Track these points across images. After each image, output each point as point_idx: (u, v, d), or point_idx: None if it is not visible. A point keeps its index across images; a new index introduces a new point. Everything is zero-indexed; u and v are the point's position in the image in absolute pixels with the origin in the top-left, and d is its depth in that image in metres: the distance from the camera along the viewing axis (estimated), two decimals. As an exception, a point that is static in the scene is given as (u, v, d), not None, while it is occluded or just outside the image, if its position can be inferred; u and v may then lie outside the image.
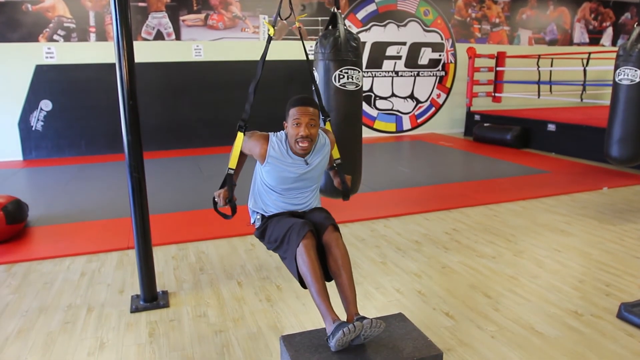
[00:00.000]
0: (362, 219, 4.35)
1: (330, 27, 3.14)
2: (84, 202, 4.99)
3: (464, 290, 2.99)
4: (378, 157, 7.35)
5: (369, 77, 9.11)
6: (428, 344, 1.98)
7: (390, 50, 9.17)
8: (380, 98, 9.30)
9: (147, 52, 7.54)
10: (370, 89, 9.18)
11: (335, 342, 1.85)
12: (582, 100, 7.87)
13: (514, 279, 3.14)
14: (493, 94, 9.61)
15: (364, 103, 8.93)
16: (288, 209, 2.26)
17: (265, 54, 2.33)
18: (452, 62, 9.70)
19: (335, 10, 3.07)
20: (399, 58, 9.26)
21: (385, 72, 9.22)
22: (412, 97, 9.54)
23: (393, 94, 9.39)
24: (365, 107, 9.05)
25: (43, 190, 5.49)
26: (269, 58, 2.43)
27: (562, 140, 7.44)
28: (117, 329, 2.60)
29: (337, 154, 2.45)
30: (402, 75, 9.36)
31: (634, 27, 4.19)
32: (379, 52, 9.09)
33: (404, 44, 9.24)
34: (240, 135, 2.23)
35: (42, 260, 3.51)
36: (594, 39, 11.07)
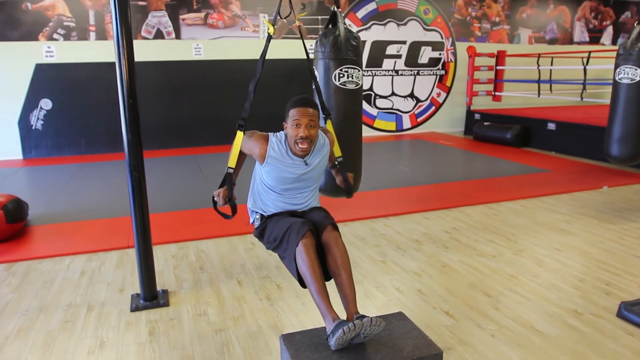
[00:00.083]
0: (362, 218, 4.35)
1: (330, 25, 3.14)
2: (84, 201, 4.99)
3: (464, 289, 2.99)
4: (378, 156, 7.35)
5: (369, 76, 9.10)
6: (428, 343, 1.98)
7: (390, 49, 9.17)
8: (380, 97, 9.30)
9: (147, 51, 7.54)
10: (370, 88, 9.18)
11: (335, 340, 1.85)
12: (582, 99, 7.87)
13: (514, 278, 3.14)
14: (493, 93, 9.61)
15: (364, 102, 8.92)
16: (287, 209, 2.26)
17: (265, 53, 2.32)
18: (452, 60, 9.69)
19: (335, 9, 3.06)
20: (399, 57, 9.26)
21: (385, 71, 9.22)
22: (412, 96, 9.54)
23: (393, 93, 9.39)
24: (365, 106, 9.05)
25: (43, 189, 5.49)
26: (269, 57, 2.43)
27: (562, 139, 7.44)
28: (117, 328, 2.60)
29: (338, 152, 2.45)
30: (402, 74, 9.35)
31: (634, 25, 4.19)
32: (379, 50, 9.09)
33: (404, 43, 9.24)
34: (240, 134, 2.22)
35: (42, 259, 3.51)
36: (594, 38, 11.06)
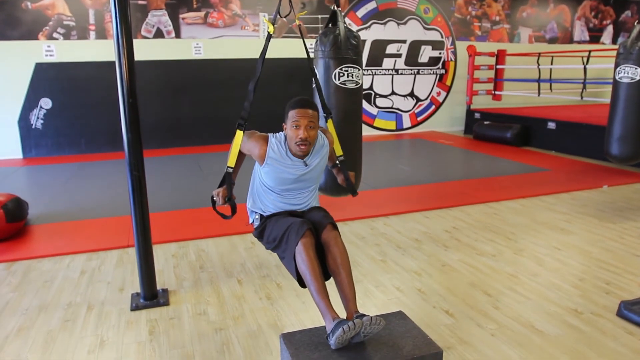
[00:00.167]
0: (361, 217, 4.35)
1: (330, 25, 3.14)
2: (84, 200, 4.99)
3: (464, 289, 2.99)
4: (378, 155, 7.34)
5: (369, 75, 9.10)
6: (428, 342, 1.98)
7: (390, 48, 9.16)
8: (380, 96, 9.29)
9: (146, 50, 7.54)
10: (370, 87, 9.17)
11: (335, 339, 1.85)
12: (582, 99, 7.86)
13: (514, 277, 3.15)
14: (493, 92, 9.61)
15: (364, 101, 8.92)
16: (287, 209, 2.26)
17: (265, 52, 2.32)
18: (452, 60, 9.69)
19: (335, 8, 3.06)
20: (399, 56, 9.25)
21: (385, 70, 9.21)
22: (412, 95, 9.53)
23: (393, 92, 9.38)
24: (365, 105, 9.04)
25: (43, 189, 5.49)
26: (269, 56, 2.42)
27: (562, 138, 7.44)
28: (117, 327, 2.60)
29: (339, 151, 2.45)
30: (402, 73, 9.35)
31: (634, 25, 4.18)
32: (379, 50, 9.08)
33: (404, 42, 9.23)
34: (240, 134, 2.22)
35: (42, 259, 3.51)
36: (594, 37, 11.06)
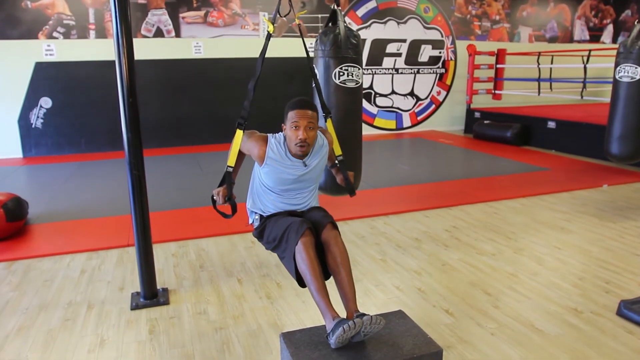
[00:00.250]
0: (361, 217, 4.35)
1: (330, 24, 3.14)
2: (84, 199, 4.99)
3: (464, 288, 3.00)
4: (378, 154, 7.34)
5: (369, 74, 9.10)
6: (428, 341, 1.98)
7: (390, 48, 9.16)
8: (380, 95, 9.29)
9: (146, 49, 7.54)
10: (370, 87, 9.17)
11: (335, 339, 1.86)
12: (582, 98, 7.86)
13: (514, 277, 3.15)
14: (493, 91, 9.61)
15: (364, 100, 8.91)
16: (287, 209, 2.26)
17: (265, 51, 2.32)
18: (452, 59, 9.69)
19: (335, 7, 3.06)
20: (399, 55, 9.25)
21: (385, 69, 9.21)
22: (412, 94, 9.53)
23: (393, 92, 9.38)
24: (365, 104, 9.04)
25: (43, 188, 5.49)
26: (269, 55, 2.42)
27: (562, 138, 7.44)
28: (117, 326, 2.60)
29: (338, 151, 2.44)
30: (402, 73, 9.35)
31: (635, 24, 4.18)
32: (379, 49, 9.08)
33: (404, 41, 9.23)
34: (240, 133, 2.22)
35: (42, 258, 3.51)
36: (595, 36, 11.05)
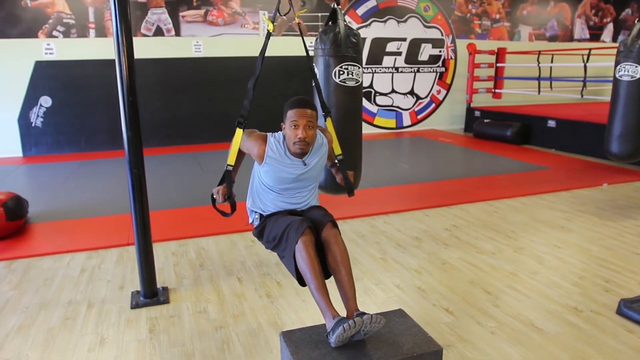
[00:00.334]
0: (362, 215, 4.35)
1: (330, 23, 3.14)
2: (84, 198, 4.99)
3: (464, 287, 3.00)
4: (378, 153, 7.34)
5: (369, 73, 9.09)
6: (428, 340, 1.98)
7: (391, 47, 9.15)
8: (380, 94, 9.29)
9: (146, 48, 7.53)
10: (370, 85, 9.17)
11: (335, 338, 1.86)
12: (582, 97, 7.86)
13: (514, 275, 3.15)
14: (493, 90, 9.60)
15: (364, 99, 8.91)
16: (286, 208, 2.25)
17: (265, 50, 2.31)
18: (452, 58, 9.68)
19: (335, 6, 3.06)
20: (399, 54, 9.24)
21: (385, 68, 9.21)
22: (412, 93, 9.53)
23: (393, 90, 9.38)
24: (365, 103, 9.04)
25: (43, 187, 5.49)
26: (269, 54, 2.42)
27: (562, 137, 7.44)
28: (117, 325, 2.60)
29: (338, 150, 2.44)
30: (402, 72, 9.34)
31: (635, 23, 4.18)
32: (379, 48, 9.07)
33: (404, 40, 9.22)
34: (239, 132, 2.22)
35: (42, 257, 3.51)
36: (595, 35, 11.05)
